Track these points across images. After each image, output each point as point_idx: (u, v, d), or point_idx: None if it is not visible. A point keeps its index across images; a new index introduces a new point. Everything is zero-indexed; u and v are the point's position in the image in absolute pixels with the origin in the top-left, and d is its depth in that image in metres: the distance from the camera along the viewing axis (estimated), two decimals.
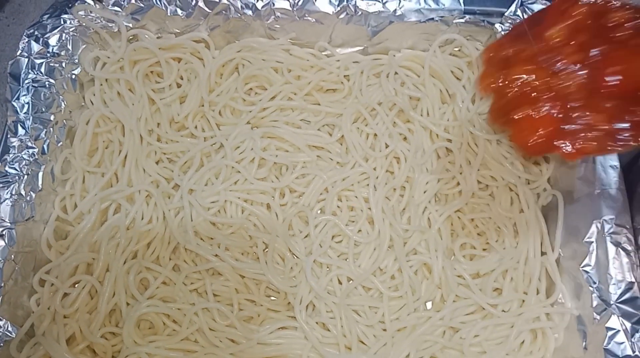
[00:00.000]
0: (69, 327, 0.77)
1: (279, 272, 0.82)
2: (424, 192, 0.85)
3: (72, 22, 0.87)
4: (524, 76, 0.74)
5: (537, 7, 0.87)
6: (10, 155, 0.79)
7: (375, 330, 0.80)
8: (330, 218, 0.84)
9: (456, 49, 0.92)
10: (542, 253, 0.81)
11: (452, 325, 0.79)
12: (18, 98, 0.82)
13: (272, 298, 0.82)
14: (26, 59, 0.84)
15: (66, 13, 0.87)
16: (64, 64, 0.86)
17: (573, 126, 0.70)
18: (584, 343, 0.74)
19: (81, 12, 0.87)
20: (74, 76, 0.88)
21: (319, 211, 0.86)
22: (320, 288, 0.80)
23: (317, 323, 0.80)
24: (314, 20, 0.89)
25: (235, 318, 0.78)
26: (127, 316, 0.77)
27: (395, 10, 0.88)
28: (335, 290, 0.81)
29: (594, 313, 0.73)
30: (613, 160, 0.79)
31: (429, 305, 0.82)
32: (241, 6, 0.89)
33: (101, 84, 0.89)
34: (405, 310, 0.80)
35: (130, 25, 0.90)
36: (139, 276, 0.80)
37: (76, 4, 0.87)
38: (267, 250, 0.83)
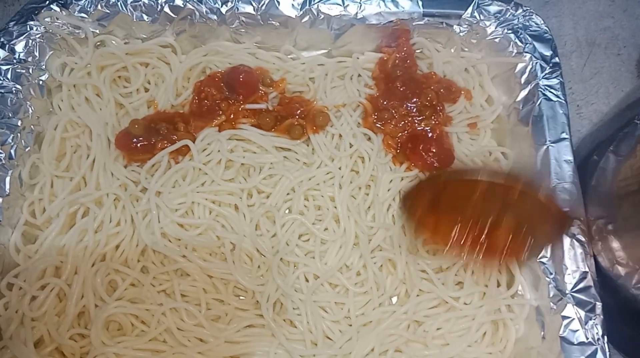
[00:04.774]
0: (37, 330, 0.77)
1: (246, 271, 0.83)
2: (388, 190, 0.87)
3: (39, 28, 0.88)
4: None
5: (493, 9, 0.90)
6: None
7: (341, 325, 0.81)
8: (297, 217, 0.85)
9: (418, 50, 0.94)
10: None
11: (416, 318, 0.81)
12: None
13: (241, 297, 0.83)
14: None
15: (32, 20, 0.88)
16: (31, 70, 0.87)
17: None
18: (542, 333, 0.76)
19: (47, 19, 0.89)
20: (41, 82, 0.89)
21: (286, 211, 0.87)
22: (287, 286, 0.81)
23: (284, 320, 0.81)
24: (278, 24, 0.92)
25: (203, 317, 0.79)
26: (95, 317, 0.78)
27: (356, 14, 0.91)
28: (302, 287, 0.83)
29: (551, 303, 0.76)
30: (567, 155, 0.82)
31: (394, 299, 0.84)
32: (206, 11, 0.90)
33: (69, 90, 0.90)
34: (370, 305, 0.82)
35: (97, 31, 0.91)
36: (107, 278, 0.81)
37: (42, 11, 0.89)
38: (234, 250, 0.84)
